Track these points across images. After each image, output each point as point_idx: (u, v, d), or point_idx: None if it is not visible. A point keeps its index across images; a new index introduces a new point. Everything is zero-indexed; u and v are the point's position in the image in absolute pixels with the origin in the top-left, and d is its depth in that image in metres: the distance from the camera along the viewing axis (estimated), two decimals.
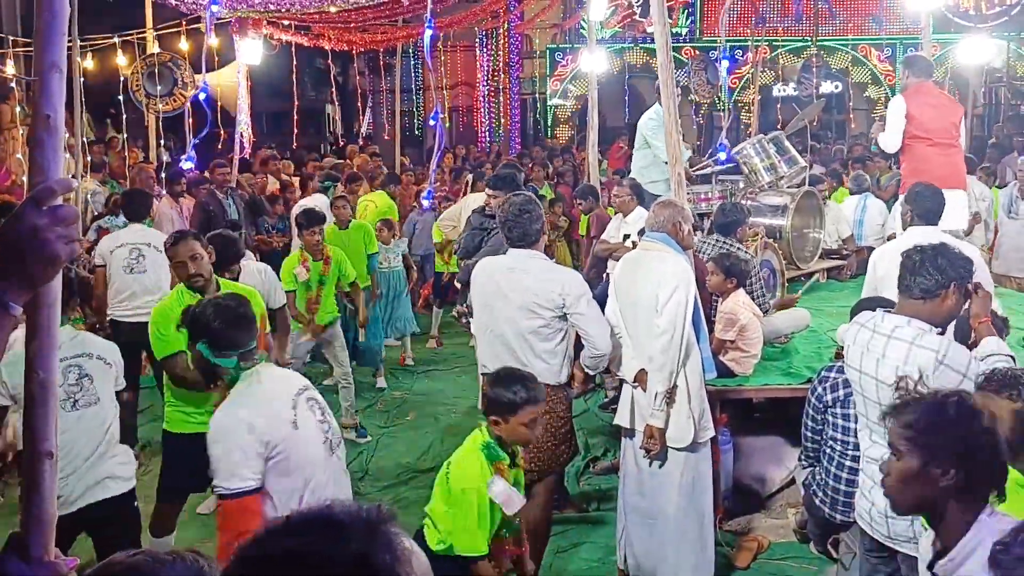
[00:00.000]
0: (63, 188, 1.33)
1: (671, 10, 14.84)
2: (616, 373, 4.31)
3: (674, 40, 15.10)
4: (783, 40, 17.13)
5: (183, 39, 10.26)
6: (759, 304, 5.00)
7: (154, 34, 10.27)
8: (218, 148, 11.33)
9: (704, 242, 5.46)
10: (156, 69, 9.73)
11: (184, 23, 10.03)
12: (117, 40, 10.45)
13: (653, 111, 7.34)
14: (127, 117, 10.30)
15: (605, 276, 6.20)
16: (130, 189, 6.94)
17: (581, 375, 4.27)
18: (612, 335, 4.04)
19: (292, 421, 2.80)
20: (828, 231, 7.23)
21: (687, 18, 17.38)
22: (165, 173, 8.60)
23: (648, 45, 15.57)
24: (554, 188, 11.19)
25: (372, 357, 7.24)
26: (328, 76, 15.47)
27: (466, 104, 19.04)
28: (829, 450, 3.95)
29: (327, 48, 12.33)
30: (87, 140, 10.19)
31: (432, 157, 7.34)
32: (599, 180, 9.34)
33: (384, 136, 16.66)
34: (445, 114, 17.79)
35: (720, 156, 7.18)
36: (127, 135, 11.07)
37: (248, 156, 10.61)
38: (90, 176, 9.65)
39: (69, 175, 7.55)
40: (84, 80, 9.07)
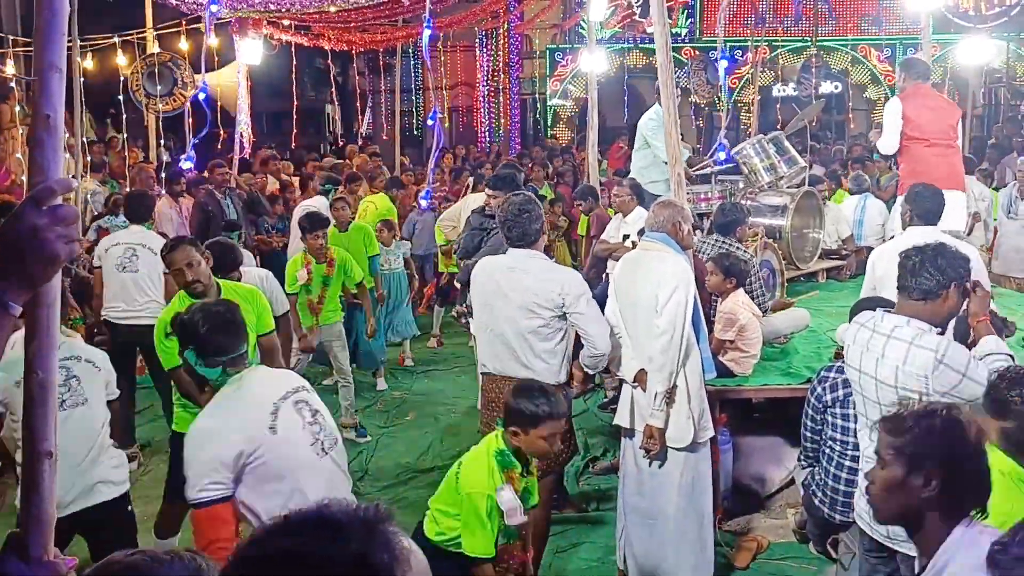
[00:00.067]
0: (63, 188, 1.34)
1: (671, 10, 14.85)
2: (616, 373, 4.31)
3: (674, 40, 15.13)
4: (783, 40, 17.13)
5: (183, 39, 10.26)
6: (759, 304, 5.00)
7: (154, 34, 10.27)
8: (218, 148, 11.33)
9: (704, 242, 5.46)
10: (156, 69, 9.73)
11: (184, 23, 10.02)
12: (117, 40, 10.44)
13: (653, 111, 7.33)
14: (127, 117, 10.29)
15: (605, 276, 6.20)
16: (132, 191, 6.92)
17: (580, 375, 4.28)
18: (612, 335, 4.04)
19: (270, 426, 2.73)
20: (828, 231, 7.24)
21: (687, 18, 17.39)
22: (165, 173, 8.59)
23: (648, 45, 15.57)
24: (554, 188, 11.20)
25: (371, 360, 7.24)
26: (328, 76, 15.47)
27: (466, 104, 19.03)
28: (828, 450, 3.95)
29: (327, 48, 12.34)
30: (87, 140, 10.18)
31: (431, 157, 7.34)
32: (599, 180, 9.34)
33: (383, 136, 16.67)
34: (445, 114, 17.79)
35: (719, 156, 7.18)
36: (127, 135, 11.06)
37: (248, 156, 10.62)
38: (90, 176, 9.65)
39: (69, 175, 7.56)
40: (84, 80, 9.06)
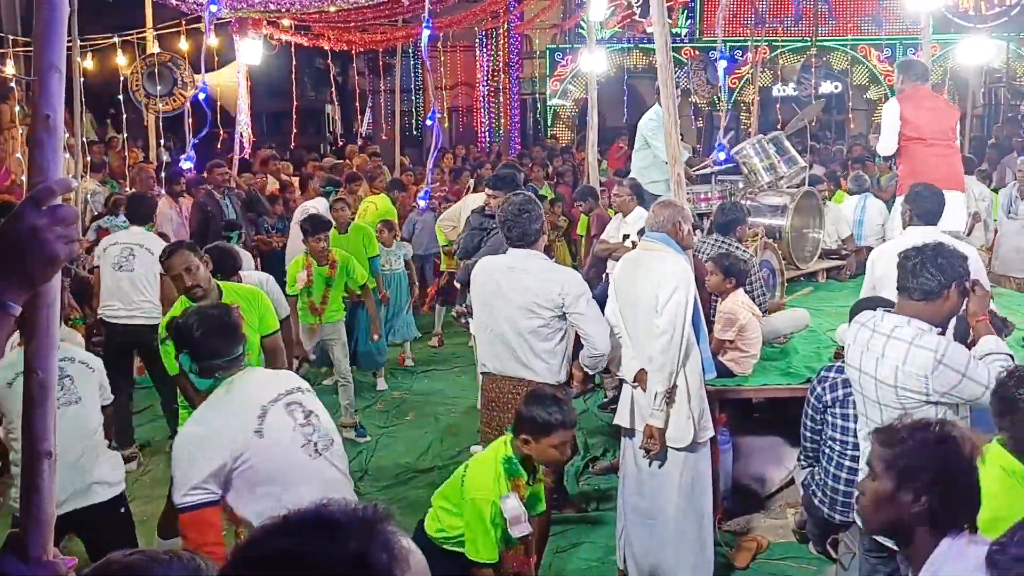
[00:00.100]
0: (62, 188, 1.34)
1: (671, 10, 14.85)
2: (616, 373, 4.31)
3: (674, 40, 15.13)
4: (783, 40, 17.13)
5: (183, 39, 10.26)
6: (758, 304, 5.00)
7: (154, 34, 10.27)
8: (218, 148, 11.32)
9: (703, 242, 5.46)
10: (156, 69, 9.73)
11: (184, 23, 10.02)
12: (117, 40, 10.44)
13: (653, 111, 7.33)
14: (127, 117, 10.29)
15: (605, 276, 6.20)
16: (134, 193, 6.91)
17: (580, 375, 4.28)
18: (611, 335, 4.04)
19: (256, 430, 2.69)
20: (828, 231, 7.24)
21: (687, 18, 17.38)
22: (165, 173, 8.59)
23: (648, 45, 15.56)
24: (554, 188, 11.20)
25: (371, 361, 7.24)
26: (328, 76, 15.48)
27: (466, 104, 19.03)
28: (828, 450, 3.95)
29: (327, 48, 12.34)
30: (87, 140, 10.18)
31: (429, 157, 7.35)
32: (599, 180, 9.34)
33: (382, 136, 16.67)
34: (445, 114, 17.80)
35: (719, 156, 7.17)
36: (127, 135, 11.07)
37: (248, 156, 10.62)
38: (90, 176, 9.65)
39: (69, 175, 7.56)
40: (84, 80, 9.05)
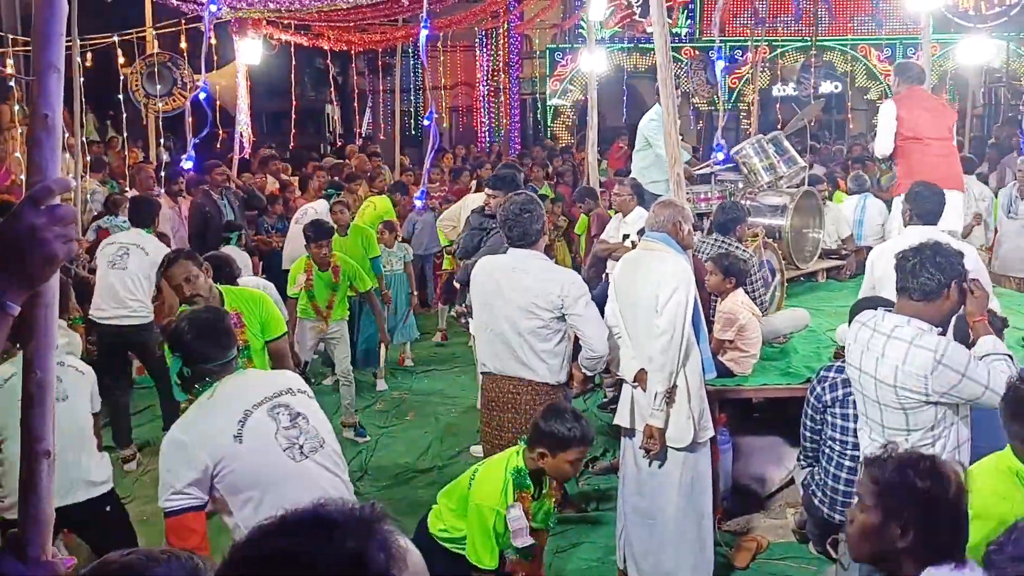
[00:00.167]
0: (61, 188, 1.33)
1: (670, 10, 14.86)
2: (616, 373, 4.31)
3: (674, 40, 15.15)
4: (783, 40, 17.13)
5: (183, 39, 10.25)
6: (758, 304, 5.00)
7: (154, 34, 10.26)
8: (217, 148, 11.32)
9: (703, 242, 5.46)
10: (156, 69, 9.73)
11: (184, 23, 10.02)
12: (117, 40, 10.43)
13: (654, 111, 7.32)
14: (127, 117, 10.29)
15: (605, 276, 6.20)
16: (137, 196, 6.91)
17: (580, 375, 4.28)
18: (610, 337, 4.04)
19: (235, 435, 2.64)
20: (827, 231, 7.23)
21: (686, 18, 17.38)
22: (165, 173, 8.59)
23: (648, 45, 15.56)
24: (554, 188, 11.20)
25: (371, 360, 7.25)
26: (327, 76, 15.48)
27: (466, 104, 19.04)
28: (828, 450, 3.95)
29: (326, 48, 12.34)
30: (87, 139, 10.17)
31: (426, 157, 7.36)
32: (599, 180, 9.34)
33: (380, 136, 16.67)
34: (444, 114, 17.80)
35: (718, 157, 7.17)
36: (127, 135, 11.06)
37: (248, 156, 10.62)
38: (90, 176, 9.64)
39: (68, 175, 7.56)
40: (84, 80, 9.05)
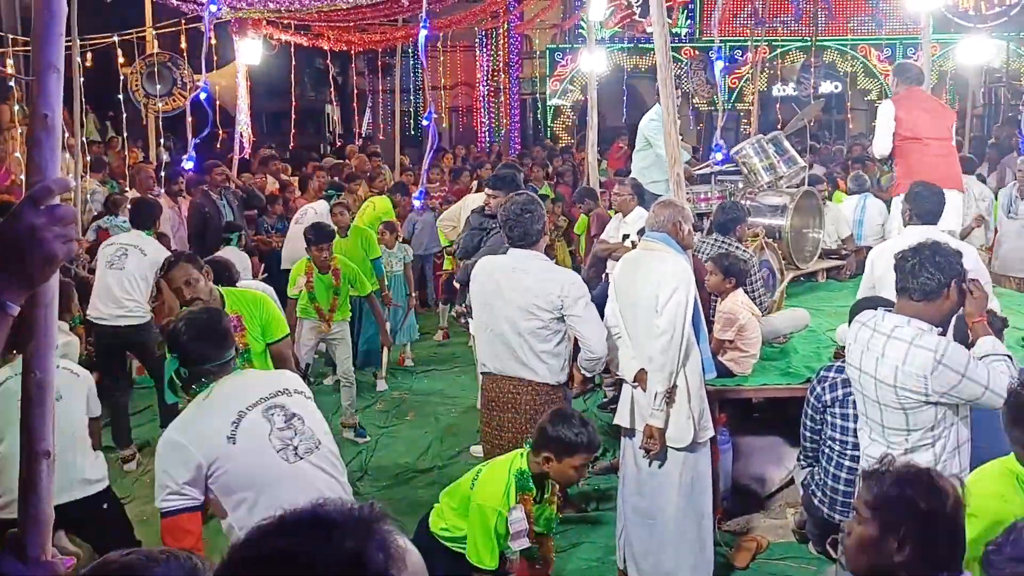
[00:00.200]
0: (60, 188, 1.34)
1: (670, 10, 14.86)
2: (615, 373, 4.31)
3: (674, 40, 15.15)
4: (783, 40, 17.12)
5: (183, 39, 10.25)
6: (758, 304, 5.00)
7: (154, 34, 10.26)
8: (217, 148, 11.32)
9: (703, 242, 5.46)
10: (156, 69, 9.73)
11: (184, 23, 10.01)
12: (117, 40, 10.43)
13: (654, 111, 7.32)
14: (127, 117, 10.29)
15: (604, 276, 6.20)
16: (139, 199, 6.91)
17: (580, 375, 4.28)
18: (609, 337, 4.04)
19: (228, 436, 2.63)
20: (827, 231, 7.23)
21: (686, 18, 17.37)
22: (165, 173, 8.59)
23: (648, 45, 15.55)
24: (554, 188, 11.21)
25: (371, 359, 7.25)
26: (327, 76, 15.47)
27: (466, 104, 19.03)
28: (828, 450, 3.95)
29: (326, 48, 12.34)
30: (87, 139, 10.17)
31: (425, 157, 7.36)
32: (599, 180, 9.34)
33: (380, 136, 16.66)
34: (444, 114, 17.79)
35: (716, 157, 7.16)
36: (127, 135, 11.06)
37: (248, 156, 10.61)
38: (90, 176, 9.64)
39: (68, 175, 7.56)
40: (84, 80, 9.05)
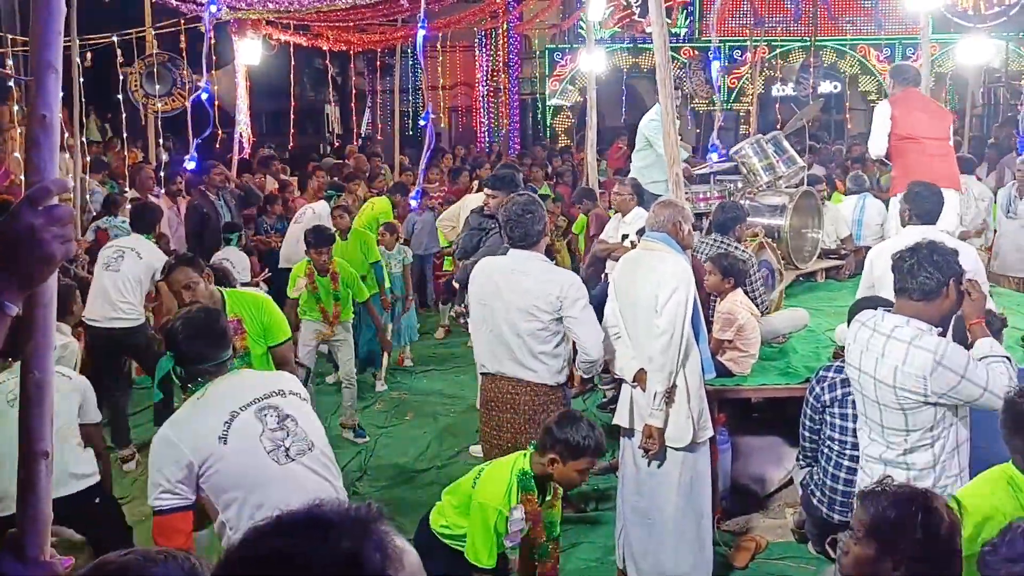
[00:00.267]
0: (59, 188, 1.34)
1: (670, 10, 14.86)
2: (614, 372, 4.32)
3: (673, 40, 15.16)
4: (783, 40, 17.13)
5: (183, 39, 10.25)
6: (757, 304, 5.00)
7: (153, 34, 10.26)
8: (217, 148, 11.32)
9: (702, 242, 5.46)
10: (155, 69, 9.72)
11: (184, 23, 10.01)
12: (116, 40, 10.43)
13: (654, 111, 7.31)
14: (127, 117, 10.29)
15: (604, 276, 6.20)
16: (139, 203, 6.91)
17: (579, 376, 4.28)
18: (607, 338, 4.04)
19: (220, 436, 2.62)
20: (826, 231, 7.23)
21: (686, 18, 17.37)
22: (164, 173, 8.60)
23: (647, 45, 15.55)
24: (553, 188, 11.21)
25: (371, 360, 7.26)
26: (327, 76, 15.47)
27: (465, 104, 19.03)
28: (827, 450, 3.95)
29: (325, 48, 12.34)
30: (88, 140, 10.17)
31: (422, 158, 7.37)
32: (598, 180, 9.34)
33: (379, 136, 16.66)
34: (443, 114, 17.78)
35: (712, 157, 7.16)
36: (127, 135, 11.06)
37: (248, 156, 10.62)
38: (90, 176, 9.64)
39: (68, 175, 7.56)
40: (83, 80, 9.05)
